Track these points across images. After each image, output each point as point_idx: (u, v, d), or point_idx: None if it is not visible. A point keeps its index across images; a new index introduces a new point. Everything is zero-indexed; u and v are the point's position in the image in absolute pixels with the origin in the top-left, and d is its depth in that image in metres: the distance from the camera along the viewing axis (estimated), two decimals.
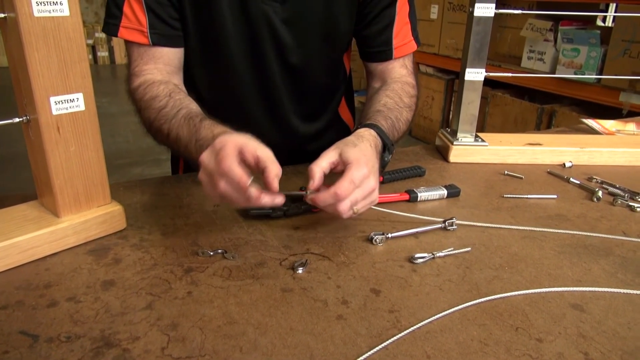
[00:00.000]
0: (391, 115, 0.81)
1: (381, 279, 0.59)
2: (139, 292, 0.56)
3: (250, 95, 0.92)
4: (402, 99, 0.86)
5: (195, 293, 0.56)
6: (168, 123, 0.73)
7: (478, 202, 0.81)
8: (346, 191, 0.61)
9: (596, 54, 2.47)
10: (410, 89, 0.90)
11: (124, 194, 0.78)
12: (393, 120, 0.80)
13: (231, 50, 0.86)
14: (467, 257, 0.65)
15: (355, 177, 0.62)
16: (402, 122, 0.83)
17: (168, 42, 0.82)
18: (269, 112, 0.94)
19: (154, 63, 0.82)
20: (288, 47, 0.87)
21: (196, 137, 0.69)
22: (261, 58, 0.87)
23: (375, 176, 0.65)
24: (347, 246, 0.66)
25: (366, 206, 0.65)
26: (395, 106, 0.84)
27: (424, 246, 0.67)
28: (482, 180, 0.91)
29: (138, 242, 0.66)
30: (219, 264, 0.62)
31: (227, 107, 0.94)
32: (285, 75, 0.90)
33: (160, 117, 0.75)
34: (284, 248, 0.66)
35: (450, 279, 0.60)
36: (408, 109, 0.86)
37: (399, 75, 0.92)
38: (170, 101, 0.75)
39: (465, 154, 0.99)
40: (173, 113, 0.74)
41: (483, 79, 0.97)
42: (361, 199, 0.63)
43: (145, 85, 0.79)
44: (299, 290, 0.57)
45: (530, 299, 0.57)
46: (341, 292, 0.57)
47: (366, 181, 0.63)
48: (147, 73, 0.81)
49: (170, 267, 0.61)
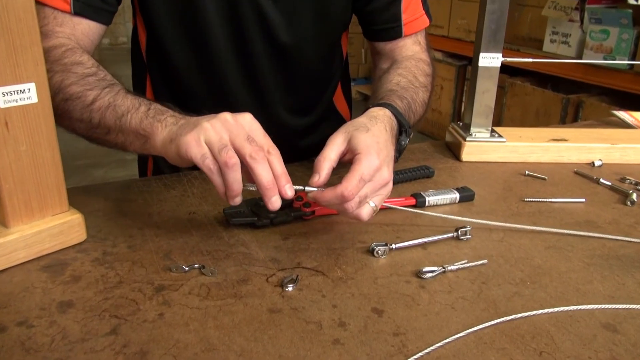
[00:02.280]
0: (406, 95, 0.81)
1: (384, 297, 0.59)
2: (101, 315, 0.55)
3: (233, 83, 0.91)
4: (417, 78, 0.86)
5: (168, 315, 0.55)
6: (98, 90, 0.70)
7: (495, 207, 0.82)
8: (354, 190, 0.61)
9: (628, 36, 2.49)
10: (425, 66, 0.90)
11: (83, 200, 0.78)
12: (409, 101, 0.80)
13: (209, 30, 0.85)
14: (483, 270, 0.65)
15: (365, 171, 0.62)
16: (419, 104, 0.83)
17: (93, 14, 0.80)
18: (253, 102, 0.94)
19: (71, 29, 0.79)
20: (276, 26, 0.87)
21: (149, 106, 0.67)
22: (244, 39, 0.87)
23: (389, 166, 0.65)
24: (345, 259, 0.66)
25: (381, 201, 0.66)
26: (410, 85, 0.84)
27: (433, 258, 0.67)
28: (500, 181, 0.92)
29: (100, 257, 0.65)
30: (195, 281, 0.61)
31: (205, 96, 0.94)
32: (273, 60, 0.90)
33: (85, 83, 0.71)
34: (271, 262, 0.65)
35: (463, 297, 0.60)
36: (424, 89, 0.86)
37: (412, 52, 0.93)
38: (100, 72, 0.73)
39: (479, 152, 1.00)
40: (107, 83, 0.71)
41: (500, 65, 0.98)
42: (371, 194, 0.64)
43: (63, 49, 0.75)
44: (288, 311, 0.57)
45: (556, 318, 0.57)
46: (338, 312, 0.57)
47: (378, 174, 0.63)
48: (62, 36, 0.78)
49: (138, 285, 0.60)
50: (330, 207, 0.65)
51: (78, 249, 0.67)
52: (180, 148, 0.60)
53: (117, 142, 0.70)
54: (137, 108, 0.67)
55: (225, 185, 0.60)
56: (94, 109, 0.70)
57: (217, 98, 0.93)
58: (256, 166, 0.59)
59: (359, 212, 0.63)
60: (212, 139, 0.59)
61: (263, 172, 0.59)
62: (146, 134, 0.66)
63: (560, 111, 2.84)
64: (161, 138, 0.64)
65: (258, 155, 0.59)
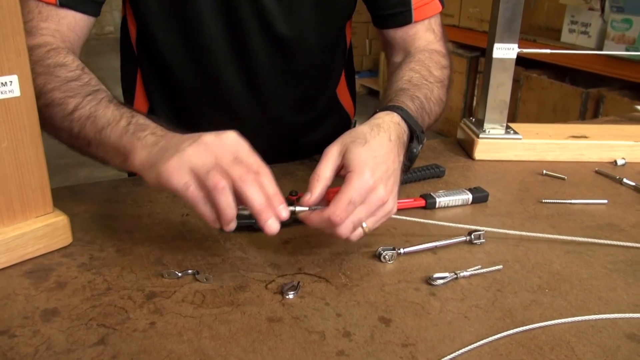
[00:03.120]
0: (419, 93, 0.79)
1: (392, 305, 0.59)
2: (89, 324, 0.55)
3: (228, 78, 0.91)
4: (431, 72, 0.85)
5: (160, 324, 0.55)
6: (79, 97, 0.69)
7: (510, 208, 0.82)
8: (342, 214, 0.59)
9: None
10: (440, 58, 0.89)
11: (69, 201, 0.78)
12: (422, 100, 0.78)
13: (201, 22, 0.86)
14: (498, 277, 0.65)
15: (354, 194, 0.60)
16: (434, 102, 0.81)
17: (80, 5, 0.80)
18: (250, 98, 0.94)
19: (56, 24, 0.79)
20: (273, 17, 0.87)
21: (130, 120, 0.66)
22: (240, 31, 0.87)
23: (389, 183, 0.63)
24: (349, 265, 0.66)
25: (378, 222, 0.64)
26: (423, 81, 0.82)
27: (444, 264, 0.67)
28: (515, 181, 0.92)
29: (87, 261, 0.65)
30: (189, 288, 0.61)
31: (199, 91, 0.94)
32: (270, 53, 0.90)
33: (67, 89, 0.70)
34: (271, 267, 0.65)
35: (477, 305, 0.60)
36: (440, 85, 0.84)
37: (425, 42, 0.92)
38: (84, 76, 0.72)
39: (493, 150, 1.00)
40: (90, 89, 0.70)
41: (515, 57, 0.98)
42: (366, 217, 0.62)
43: (47, 48, 0.75)
44: (289, 320, 0.56)
45: (576, 328, 0.57)
46: (342, 321, 0.57)
47: (372, 195, 0.61)
48: (46, 33, 0.78)
49: (128, 292, 0.60)
50: (322, 230, 0.63)
51: (63, 253, 0.67)
52: (161, 177, 0.59)
53: (97, 156, 0.70)
54: (118, 121, 0.66)
55: (217, 212, 0.58)
56: (74, 118, 0.69)
57: (212, 93, 0.93)
58: (247, 189, 0.57)
59: (352, 236, 0.63)
60: (195, 164, 0.58)
61: (255, 194, 0.57)
62: (125, 151, 0.64)
63: (580, 106, 2.84)
64: (140, 160, 0.63)
65: (247, 177, 0.57)
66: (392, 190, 0.64)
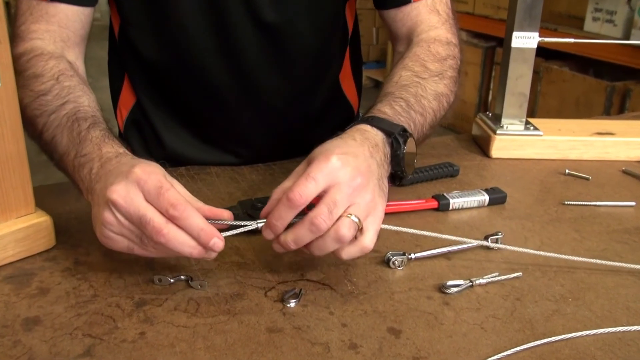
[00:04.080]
0: (404, 94, 0.78)
1: (402, 315, 0.59)
2: (73, 334, 0.55)
3: (213, 68, 0.91)
4: (426, 67, 0.84)
5: (151, 334, 0.55)
6: (45, 117, 0.72)
7: (530, 211, 0.82)
8: (303, 190, 0.56)
9: None
10: (440, 48, 0.87)
11: (52, 201, 0.78)
12: (408, 101, 0.77)
13: (182, 6, 0.85)
14: (517, 285, 0.65)
15: (313, 170, 0.57)
16: (429, 98, 0.79)
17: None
18: (239, 88, 0.93)
19: (46, 23, 0.81)
20: (260, 4, 0.86)
21: (77, 149, 0.67)
22: (223, 16, 0.87)
23: (361, 170, 0.59)
24: (356, 271, 0.66)
25: (367, 213, 0.59)
26: (414, 79, 0.81)
27: (459, 270, 0.67)
28: (536, 181, 0.91)
29: (72, 266, 0.65)
30: (182, 295, 0.61)
31: (182, 84, 0.94)
32: (258, 39, 0.89)
33: (37, 106, 0.73)
34: (271, 273, 0.65)
35: (494, 315, 0.60)
36: (438, 78, 0.83)
37: (428, 26, 0.90)
38: (56, 87, 0.74)
39: (512, 147, 0.99)
40: (55, 105, 0.72)
41: (536, 46, 0.97)
42: (345, 201, 0.57)
43: (30, 56, 0.77)
44: (290, 330, 0.56)
45: (602, 340, 0.57)
46: (348, 332, 0.56)
47: (339, 173, 0.57)
48: (35, 37, 0.80)
49: (116, 300, 0.60)
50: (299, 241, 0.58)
51: (46, 256, 0.67)
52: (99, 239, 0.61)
53: (61, 170, 0.72)
54: (68, 153, 0.68)
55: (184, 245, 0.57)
56: (42, 142, 0.72)
57: (198, 85, 0.93)
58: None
59: (337, 227, 0.57)
60: (121, 246, 0.59)
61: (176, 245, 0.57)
62: (76, 178, 0.67)
63: (604, 101, 2.83)
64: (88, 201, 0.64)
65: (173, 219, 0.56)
66: (366, 171, 0.60)
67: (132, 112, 1.01)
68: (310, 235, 0.57)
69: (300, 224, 0.58)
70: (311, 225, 0.56)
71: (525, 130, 1.01)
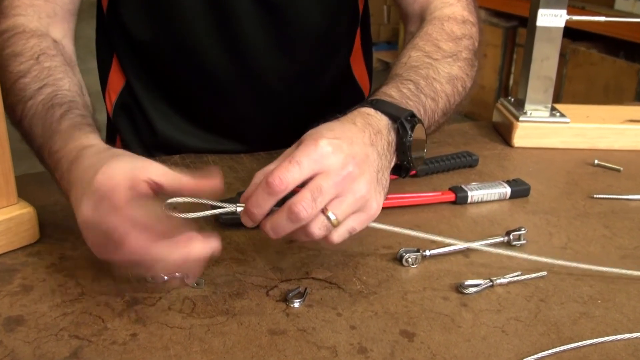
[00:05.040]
0: (413, 75, 0.76)
1: (416, 317, 0.59)
2: (59, 335, 0.55)
3: (208, 48, 0.91)
4: (439, 47, 0.83)
5: (143, 336, 0.55)
6: (23, 104, 0.71)
7: (556, 205, 0.81)
8: (283, 174, 0.54)
9: None
10: (455, 26, 0.86)
11: (36, 191, 0.78)
12: (417, 84, 0.75)
13: None
14: (541, 284, 0.65)
15: (297, 154, 0.55)
16: (441, 82, 0.78)
17: None
18: (237, 70, 0.93)
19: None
20: None
21: (50, 145, 0.66)
22: None
23: (355, 160, 0.58)
24: (366, 268, 0.66)
25: (350, 211, 0.57)
26: (425, 60, 0.79)
27: (477, 269, 0.67)
28: (562, 173, 0.91)
29: (57, 262, 0.65)
30: (176, 294, 0.61)
31: (174, 64, 0.94)
32: (259, 17, 0.89)
33: (16, 91, 0.73)
34: (273, 271, 0.65)
35: (517, 317, 0.59)
36: (452, 60, 0.81)
37: (442, 3, 0.89)
38: (35, 68, 0.74)
39: (536, 135, 0.99)
40: (33, 89, 0.72)
41: (563, 25, 0.97)
42: (331, 189, 0.55)
43: (10, 33, 0.77)
44: (294, 333, 0.56)
45: (634, 346, 0.56)
46: (357, 335, 0.56)
47: (328, 160, 0.56)
48: (18, 13, 0.79)
49: (105, 299, 0.60)
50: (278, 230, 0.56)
51: (29, 251, 0.67)
52: None
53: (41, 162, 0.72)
54: (44, 148, 0.67)
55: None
56: (22, 130, 0.72)
57: (190, 66, 0.93)
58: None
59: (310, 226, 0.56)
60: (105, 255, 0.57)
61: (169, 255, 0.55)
62: (55, 175, 0.65)
63: (636, 86, 2.82)
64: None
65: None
66: (362, 161, 0.58)
67: (121, 96, 1.00)
68: (290, 224, 0.56)
69: (279, 212, 0.56)
70: (290, 213, 0.55)
71: (551, 117, 1.00)
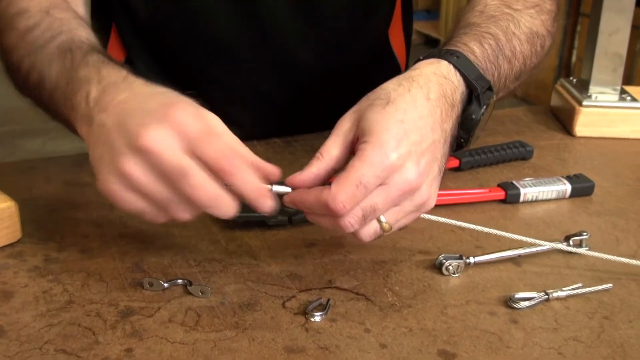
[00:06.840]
0: (493, 28, 0.73)
1: (457, 335, 0.59)
2: (44, 349, 0.55)
3: (221, 15, 0.92)
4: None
5: (139, 352, 0.56)
6: (32, 55, 0.71)
7: (624, 205, 0.81)
8: (347, 202, 0.56)
9: None
10: None
11: (16, 183, 0.79)
12: (498, 40, 0.73)
13: None
14: (605, 299, 0.64)
15: (366, 173, 0.57)
16: (521, 39, 0.75)
17: None
18: (255, 42, 0.94)
19: None
20: None
21: (69, 76, 0.65)
22: None
23: (420, 161, 0.60)
24: (399, 277, 0.66)
25: (405, 218, 0.62)
26: (505, 10, 0.76)
27: (530, 280, 0.67)
28: (632, 168, 0.91)
29: (42, 264, 0.66)
30: (178, 304, 0.62)
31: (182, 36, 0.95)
32: None
33: (24, 44, 0.72)
34: (290, 278, 0.66)
35: (576, 337, 0.59)
36: (535, 11, 0.78)
37: None
38: (46, 20, 0.73)
39: (602, 123, 0.99)
40: (44, 39, 0.71)
41: None
42: (386, 206, 0.59)
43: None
44: (315, 351, 0.57)
45: None
46: (388, 354, 0.56)
47: (395, 176, 0.58)
48: None
49: (96, 308, 0.60)
50: (316, 220, 0.61)
51: (9, 252, 0.68)
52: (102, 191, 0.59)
53: (50, 114, 0.72)
54: (58, 86, 0.66)
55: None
56: (29, 85, 0.71)
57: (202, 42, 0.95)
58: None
59: (359, 231, 0.60)
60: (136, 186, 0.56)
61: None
62: (70, 124, 0.65)
63: None
64: (83, 136, 0.63)
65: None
66: (427, 171, 0.61)
67: None
68: (331, 226, 0.60)
69: (325, 217, 0.59)
70: (336, 225, 0.58)
71: (620, 101, 1.00)
